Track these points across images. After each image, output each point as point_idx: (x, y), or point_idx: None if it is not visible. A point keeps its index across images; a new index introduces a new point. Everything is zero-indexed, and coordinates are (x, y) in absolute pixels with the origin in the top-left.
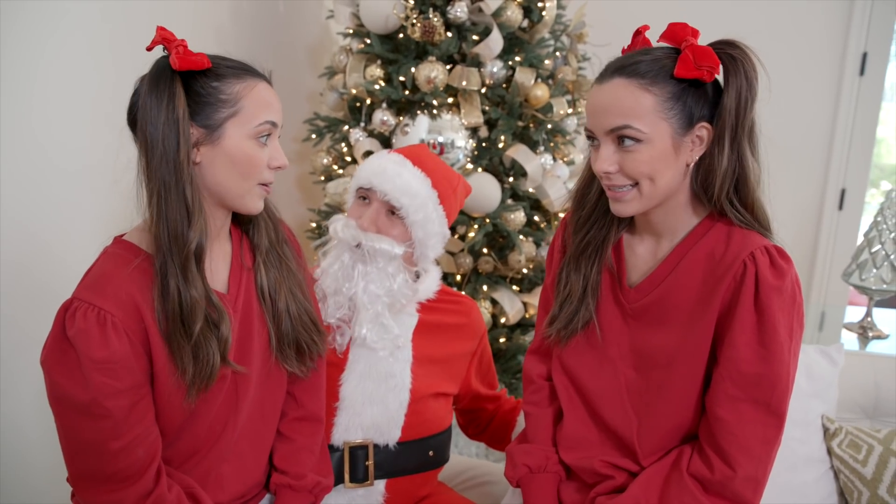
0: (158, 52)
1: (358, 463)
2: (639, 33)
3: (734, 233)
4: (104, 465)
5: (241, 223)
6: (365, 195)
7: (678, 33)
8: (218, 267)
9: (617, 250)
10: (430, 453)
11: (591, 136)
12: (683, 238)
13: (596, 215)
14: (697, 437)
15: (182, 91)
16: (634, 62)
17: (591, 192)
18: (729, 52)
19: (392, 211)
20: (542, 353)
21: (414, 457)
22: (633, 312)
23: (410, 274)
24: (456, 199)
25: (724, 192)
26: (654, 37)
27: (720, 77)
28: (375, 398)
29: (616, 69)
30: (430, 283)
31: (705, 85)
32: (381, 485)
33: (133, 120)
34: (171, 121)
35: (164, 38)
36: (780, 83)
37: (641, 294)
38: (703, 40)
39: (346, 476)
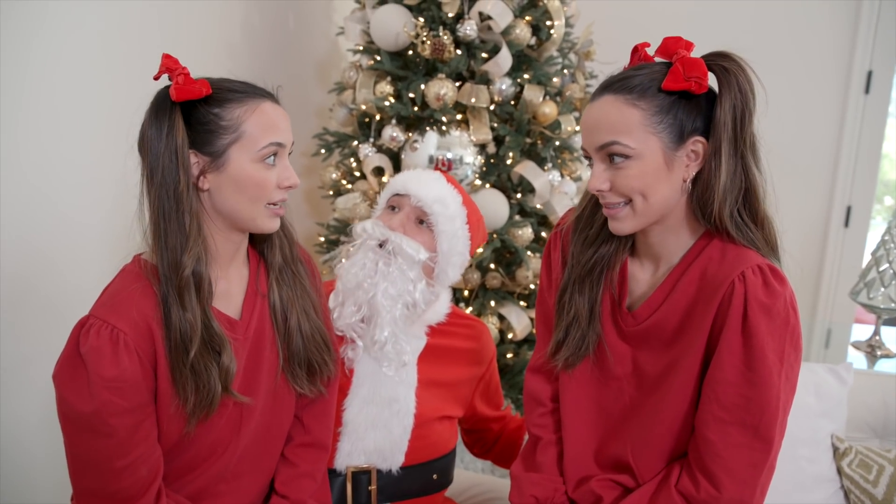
0: (165, 80)
1: (360, 488)
2: (637, 50)
3: (728, 250)
4: (108, 482)
5: (257, 242)
6: (396, 203)
7: (671, 47)
8: (233, 292)
9: (622, 272)
10: (434, 476)
11: (587, 156)
12: (680, 260)
13: (604, 235)
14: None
15: (181, 121)
16: (624, 78)
17: (599, 210)
18: (722, 64)
19: (421, 220)
20: (546, 371)
21: (418, 480)
22: (632, 336)
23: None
24: (479, 231)
25: (726, 208)
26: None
27: (716, 89)
28: (379, 423)
29: (606, 86)
30: (441, 307)
31: (698, 98)
32: None
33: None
34: (171, 151)
35: (167, 66)
36: (786, 101)
37: (639, 320)
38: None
39: (349, 501)
